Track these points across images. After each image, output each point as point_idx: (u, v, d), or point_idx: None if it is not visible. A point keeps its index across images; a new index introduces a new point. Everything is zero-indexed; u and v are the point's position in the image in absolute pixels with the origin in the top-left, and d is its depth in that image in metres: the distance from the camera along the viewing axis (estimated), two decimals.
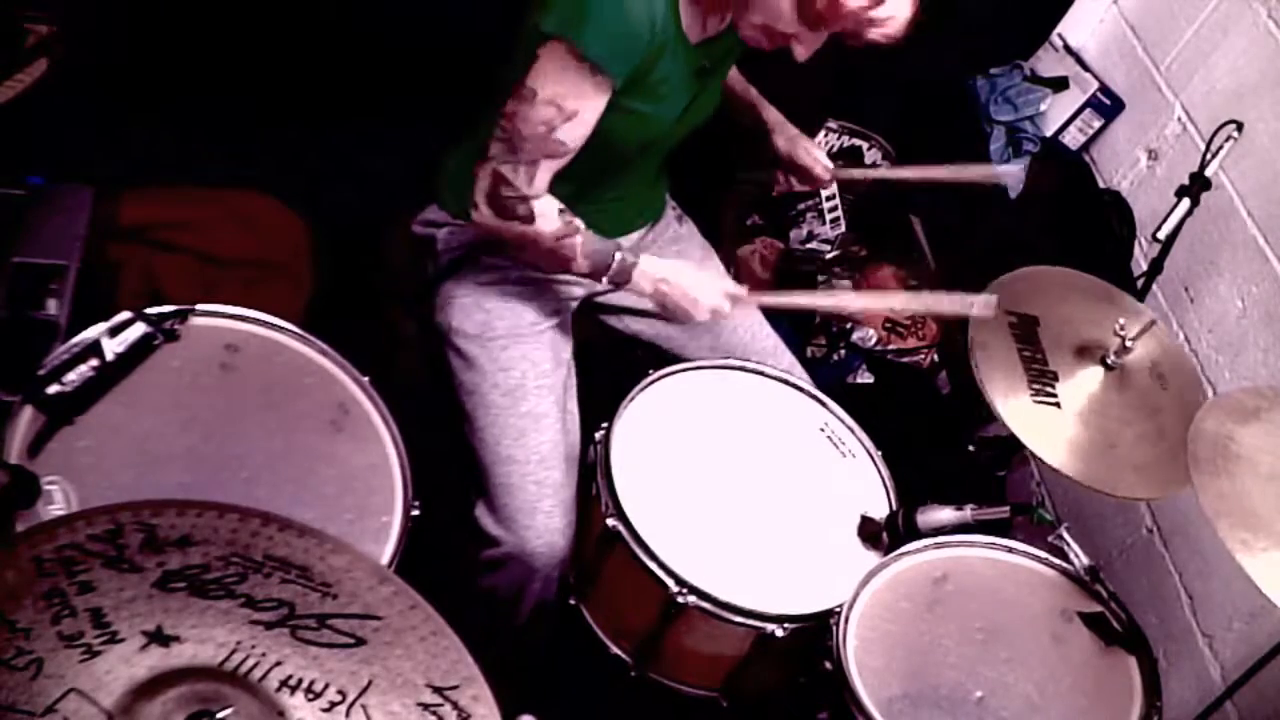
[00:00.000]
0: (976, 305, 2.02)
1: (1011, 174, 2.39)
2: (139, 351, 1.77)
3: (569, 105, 1.80)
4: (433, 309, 2.15)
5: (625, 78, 1.81)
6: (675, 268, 2.03)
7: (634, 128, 1.92)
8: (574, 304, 2.23)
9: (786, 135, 2.28)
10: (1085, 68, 3.03)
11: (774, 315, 2.42)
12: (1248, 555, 1.59)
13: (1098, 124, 2.99)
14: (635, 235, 2.23)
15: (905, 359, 3.07)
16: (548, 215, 1.90)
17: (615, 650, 2.06)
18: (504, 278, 2.11)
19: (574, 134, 1.84)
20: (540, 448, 2.08)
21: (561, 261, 1.95)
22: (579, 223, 1.93)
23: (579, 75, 1.78)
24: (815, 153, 2.29)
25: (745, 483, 2.08)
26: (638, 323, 2.32)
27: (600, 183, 2.03)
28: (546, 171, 1.86)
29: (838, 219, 3.19)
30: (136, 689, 1.13)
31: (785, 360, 2.35)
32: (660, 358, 2.28)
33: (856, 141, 3.21)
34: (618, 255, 1.95)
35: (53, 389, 1.68)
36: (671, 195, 2.35)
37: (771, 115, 2.29)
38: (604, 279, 1.98)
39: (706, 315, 2.02)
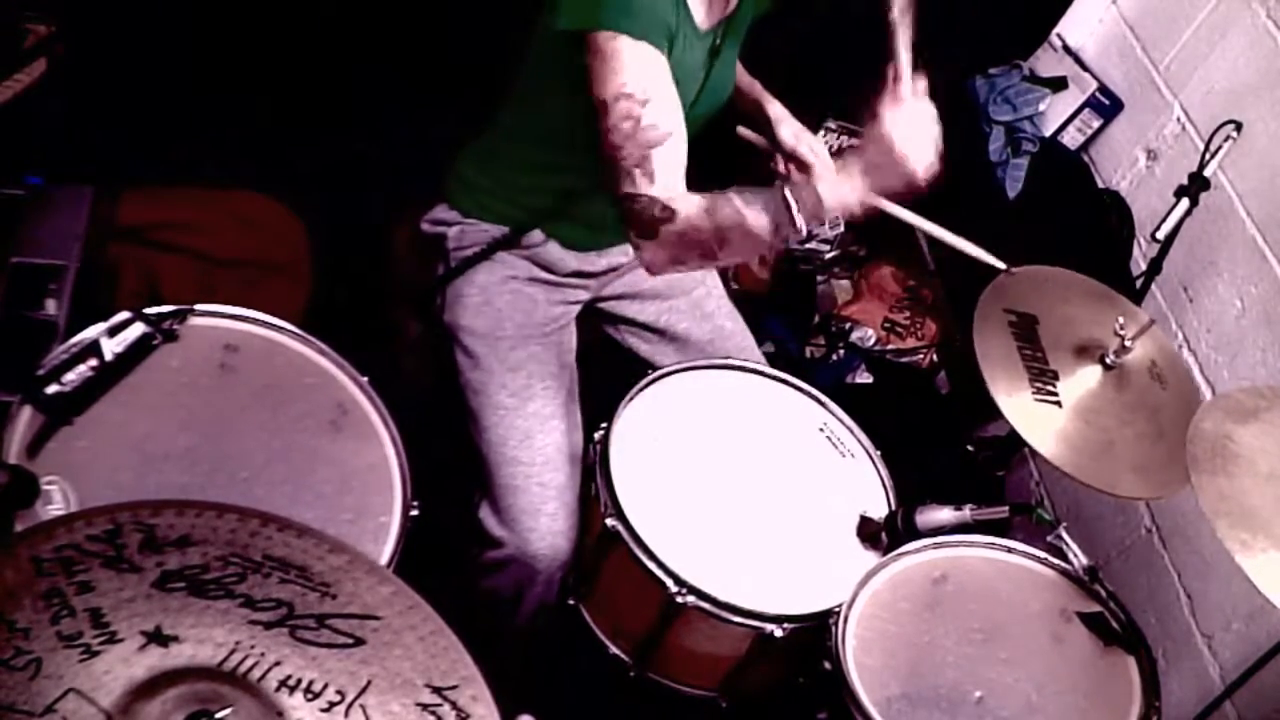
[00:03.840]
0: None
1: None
2: (138, 351, 1.77)
3: (638, 89, 1.72)
4: (441, 307, 2.15)
5: (667, 43, 1.75)
6: (852, 165, 1.78)
7: None
8: (579, 306, 2.23)
9: (791, 129, 2.24)
10: (1084, 68, 3.03)
11: (774, 304, 2.39)
12: (1247, 555, 1.59)
13: (1097, 124, 2.99)
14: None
15: (904, 359, 3.07)
16: (683, 198, 1.74)
17: (614, 650, 2.06)
18: (514, 278, 2.11)
19: (661, 114, 1.73)
20: (545, 449, 2.08)
21: (738, 233, 1.73)
22: (717, 191, 1.76)
23: (631, 56, 1.72)
24: (819, 149, 2.26)
25: (744, 483, 2.08)
26: (634, 337, 2.33)
27: None
28: (661, 164, 1.73)
29: (837, 219, 3.19)
30: (135, 689, 1.13)
31: None
32: (652, 371, 2.27)
33: (855, 141, 3.20)
34: (786, 191, 1.73)
35: (52, 389, 1.68)
36: None
37: (775, 108, 2.26)
38: (799, 224, 1.73)
39: (928, 162, 1.78)
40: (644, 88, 1.73)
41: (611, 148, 1.73)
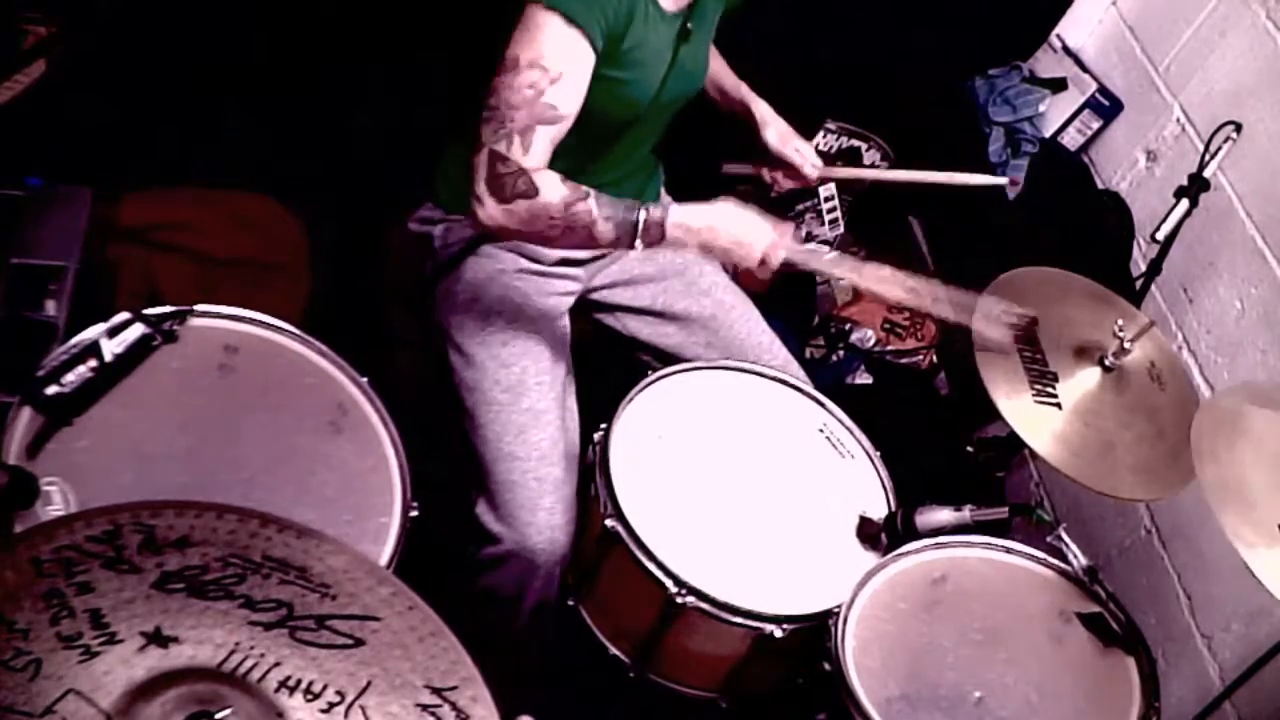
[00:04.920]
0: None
1: (1002, 182, 2.38)
2: (137, 352, 1.77)
3: (553, 66, 1.77)
4: (432, 307, 2.15)
5: (603, 37, 1.80)
6: (713, 211, 1.87)
7: (615, 99, 1.91)
8: (571, 299, 2.23)
9: (777, 131, 2.27)
10: (1084, 68, 3.03)
11: (774, 304, 2.41)
12: (1229, 517, 1.60)
13: (1096, 125, 2.99)
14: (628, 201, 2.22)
15: (904, 360, 3.07)
16: (551, 184, 1.79)
17: (614, 651, 2.06)
18: (502, 273, 2.11)
19: (564, 97, 1.79)
20: (541, 444, 2.08)
21: (582, 233, 1.82)
22: (586, 187, 1.83)
23: (557, 34, 1.77)
24: (805, 150, 2.28)
25: (744, 483, 2.08)
26: (634, 321, 2.32)
27: (590, 164, 2.01)
28: (543, 140, 1.78)
29: (836, 220, 3.19)
30: (135, 690, 1.13)
31: (781, 356, 2.35)
32: (657, 356, 2.28)
33: (855, 142, 3.21)
34: (641, 212, 1.82)
35: (51, 390, 1.68)
36: (670, 196, 2.35)
37: (761, 109, 2.28)
38: (635, 243, 1.83)
39: (758, 256, 1.87)
40: (559, 67, 1.78)
41: (504, 104, 1.77)
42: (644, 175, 2.23)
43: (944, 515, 2.01)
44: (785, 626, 1.90)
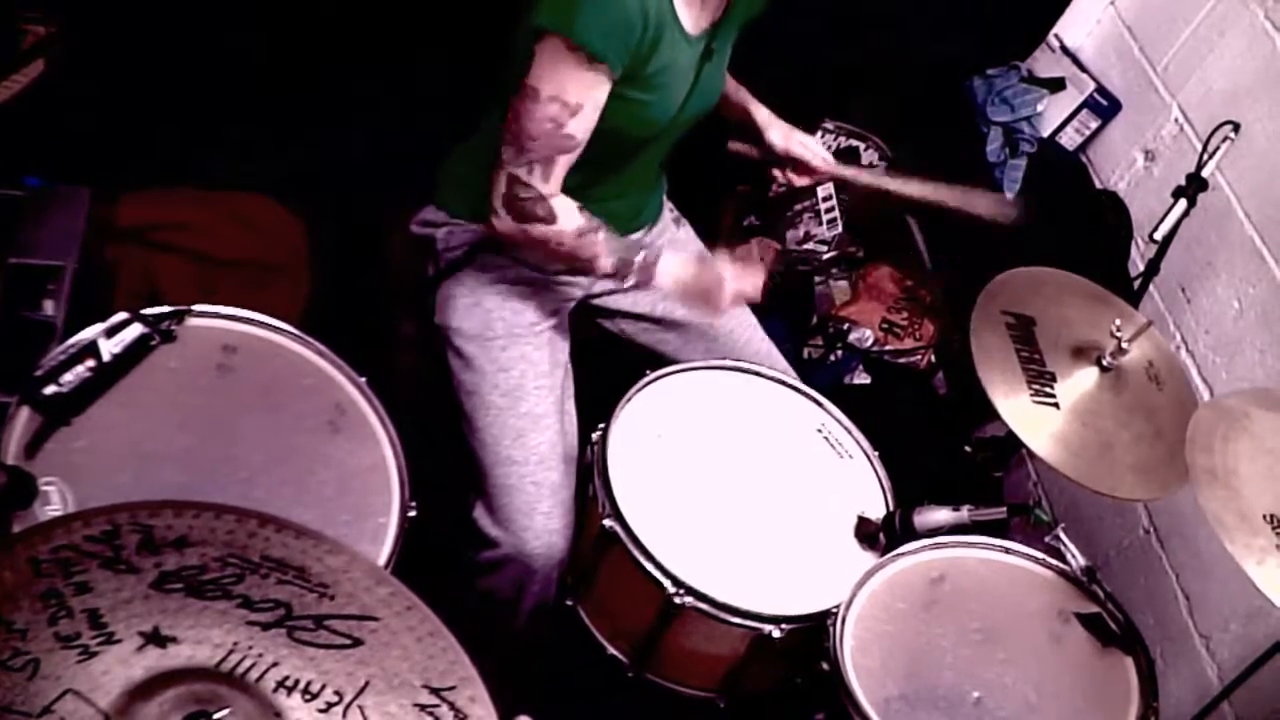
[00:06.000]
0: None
1: (1008, 207, 2.38)
2: (136, 352, 1.77)
3: (572, 99, 1.80)
4: (432, 309, 2.15)
5: (623, 66, 1.81)
6: (695, 264, 2.03)
7: (635, 118, 1.92)
8: (571, 304, 2.23)
9: (780, 131, 2.28)
10: (1082, 68, 3.03)
11: (771, 307, 2.41)
12: (1211, 496, 1.62)
13: (1094, 124, 2.99)
14: (633, 237, 2.23)
15: (902, 360, 3.06)
16: (567, 213, 1.90)
17: (612, 651, 2.06)
18: (503, 277, 2.11)
19: (582, 126, 1.84)
20: (539, 448, 2.08)
21: (586, 260, 1.95)
22: (597, 220, 1.93)
23: (578, 67, 1.78)
24: (810, 144, 2.28)
25: (742, 484, 2.08)
26: (633, 326, 2.33)
27: (603, 178, 2.03)
28: (561, 168, 1.86)
29: (834, 220, 3.19)
30: (133, 690, 1.13)
31: (779, 365, 2.35)
32: (655, 361, 2.28)
33: (853, 142, 3.21)
34: (640, 254, 1.96)
35: (49, 390, 1.68)
36: (669, 197, 2.35)
37: (762, 114, 2.28)
38: (628, 278, 1.97)
39: (728, 307, 2.03)
40: (579, 100, 1.81)
41: (524, 134, 1.83)
42: (649, 187, 2.23)
43: (942, 515, 2.01)
44: (784, 627, 1.90)
